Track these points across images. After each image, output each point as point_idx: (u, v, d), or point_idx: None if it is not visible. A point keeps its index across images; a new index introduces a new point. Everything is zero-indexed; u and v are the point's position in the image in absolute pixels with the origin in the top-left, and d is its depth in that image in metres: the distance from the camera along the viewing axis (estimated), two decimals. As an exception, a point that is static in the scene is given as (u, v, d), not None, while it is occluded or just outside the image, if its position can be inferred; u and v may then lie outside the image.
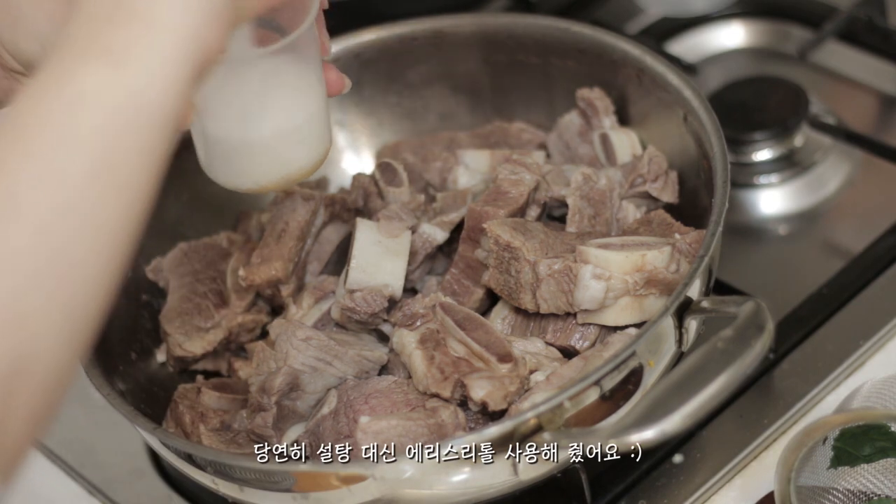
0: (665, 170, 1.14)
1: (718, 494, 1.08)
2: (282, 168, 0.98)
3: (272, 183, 0.99)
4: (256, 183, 0.98)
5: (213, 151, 0.97)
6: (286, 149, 0.97)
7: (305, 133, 0.97)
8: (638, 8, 1.52)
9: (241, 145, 0.96)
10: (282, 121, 0.95)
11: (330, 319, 1.12)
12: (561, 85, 1.24)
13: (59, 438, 1.24)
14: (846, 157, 1.32)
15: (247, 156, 0.96)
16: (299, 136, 0.97)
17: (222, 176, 0.99)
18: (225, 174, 0.98)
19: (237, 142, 0.96)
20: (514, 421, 0.92)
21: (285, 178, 0.99)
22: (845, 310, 1.18)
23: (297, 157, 0.98)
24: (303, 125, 0.97)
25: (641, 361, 0.96)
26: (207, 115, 0.94)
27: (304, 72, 0.95)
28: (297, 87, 0.95)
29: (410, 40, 1.26)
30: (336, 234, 1.19)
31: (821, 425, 0.96)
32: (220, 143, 0.96)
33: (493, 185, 1.12)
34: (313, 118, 0.97)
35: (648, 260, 1.02)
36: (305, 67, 0.95)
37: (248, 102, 0.94)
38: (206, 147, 0.97)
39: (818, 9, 1.44)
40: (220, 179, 0.99)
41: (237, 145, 0.96)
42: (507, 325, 1.08)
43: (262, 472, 0.96)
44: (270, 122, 0.95)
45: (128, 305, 1.17)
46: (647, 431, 0.86)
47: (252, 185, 0.98)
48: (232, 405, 1.10)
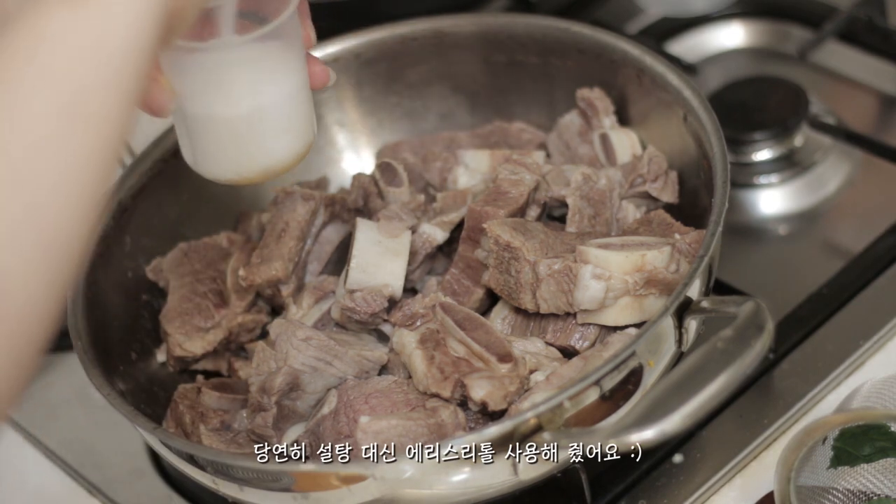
0: (665, 170, 1.14)
1: (718, 494, 1.08)
2: (264, 158, 0.98)
3: (254, 174, 0.98)
4: (238, 173, 0.98)
5: (196, 140, 0.97)
6: (267, 136, 0.97)
7: (287, 121, 0.97)
8: (638, 8, 1.52)
9: (223, 130, 0.96)
10: (263, 105, 0.96)
11: (330, 319, 1.12)
12: (561, 85, 1.24)
13: (59, 438, 1.24)
14: (846, 157, 1.32)
15: (229, 141, 0.96)
16: (281, 123, 0.97)
17: (204, 165, 0.99)
18: (207, 163, 0.98)
19: (219, 126, 0.96)
20: (514, 421, 0.92)
21: (267, 170, 0.98)
22: (845, 310, 1.18)
23: (279, 147, 0.98)
24: (284, 112, 0.97)
25: (641, 361, 0.96)
26: (189, 101, 0.95)
27: (285, 60, 0.96)
28: (279, 75, 0.96)
29: (410, 40, 1.26)
30: (336, 234, 1.19)
31: (821, 425, 0.97)
32: (202, 129, 0.96)
33: (493, 185, 1.12)
34: (295, 107, 0.97)
35: (648, 260, 1.02)
36: (287, 56, 0.96)
37: (229, 88, 0.95)
38: (189, 135, 0.97)
39: (818, 9, 1.44)
40: (201, 169, 0.99)
41: (219, 130, 0.96)
42: (507, 325, 1.08)
43: (262, 472, 0.96)
44: (251, 105, 0.95)
45: (128, 305, 1.17)
46: (647, 431, 0.86)
47: (233, 175, 0.98)
48: (232, 405, 1.10)
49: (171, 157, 1.20)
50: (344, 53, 1.26)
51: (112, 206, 1.16)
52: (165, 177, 1.20)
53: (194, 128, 0.96)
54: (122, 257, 1.17)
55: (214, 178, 0.99)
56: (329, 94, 1.27)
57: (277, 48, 0.95)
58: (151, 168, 1.20)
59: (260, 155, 0.98)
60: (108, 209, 1.16)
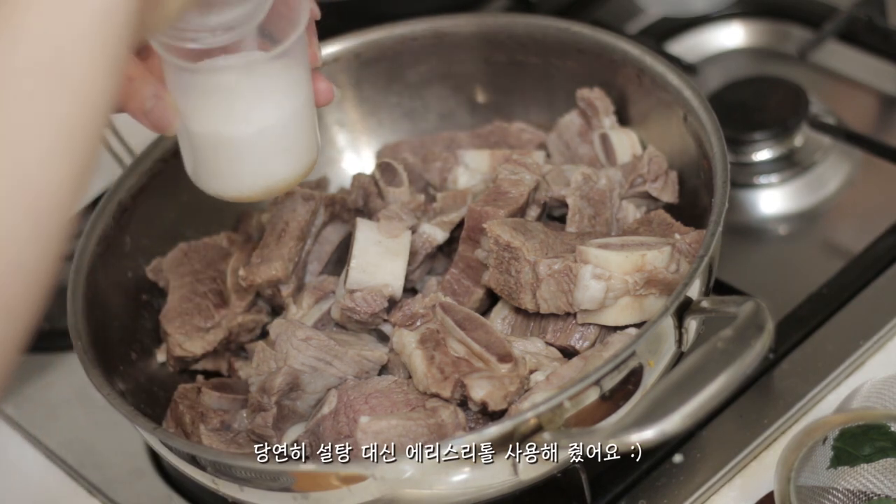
0: (665, 170, 1.14)
1: (718, 494, 1.08)
2: (266, 177, 0.98)
3: (255, 192, 0.99)
4: (240, 191, 0.99)
5: (199, 157, 0.98)
6: (271, 155, 0.97)
7: (291, 140, 0.97)
8: (638, 8, 1.52)
9: (226, 149, 0.96)
10: (268, 125, 0.96)
11: (330, 319, 1.12)
12: (561, 85, 1.24)
13: (59, 438, 1.24)
14: (846, 157, 1.32)
15: (233, 159, 0.97)
16: (284, 142, 0.97)
17: (206, 182, 0.99)
18: (209, 180, 0.99)
19: (222, 144, 0.96)
20: (514, 421, 0.92)
21: (269, 189, 0.99)
22: (845, 310, 1.18)
23: (282, 167, 0.98)
24: (288, 131, 0.97)
25: (641, 361, 0.96)
26: (193, 120, 0.95)
27: (291, 80, 0.96)
28: (284, 95, 0.96)
29: (410, 40, 1.26)
30: (336, 234, 1.19)
31: (821, 425, 0.96)
32: (205, 147, 0.97)
33: (493, 185, 1.12)
34: (299, 126, 0.98)
35: (648, 260, 1.02)
36: (293, 76, 0.96)
37: (234, 108, 0.95)
38: (193, 152, 0.98)
39: (818, 9, 1.44)
40: (204, 186, 1.00)
41: (222, 148, 0.96)
42: (507, 325, 1.08)
43: (262, 472, 0.96)
44: (256, 125, 0.95)
45: (127, 305, 1.17)
46: (647, 431, 0.86)
47: (235, 193, 0.99)
48: (232, 405, 1.10)
49: (171, 157, 1.20)
50: (344, 53, 1.26)
51: (112, 206, 1.16)
52: (165, 177, 1.20)
53: (198, 145, 0.97)
54: (122, 257, 1.17)
55: (216, 195, 1.00)
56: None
57: (284, 68, 0.95)
58: (151, 168, 1.20)
59: (263, 174, 0.98)
60: (108, 209, 1.16)
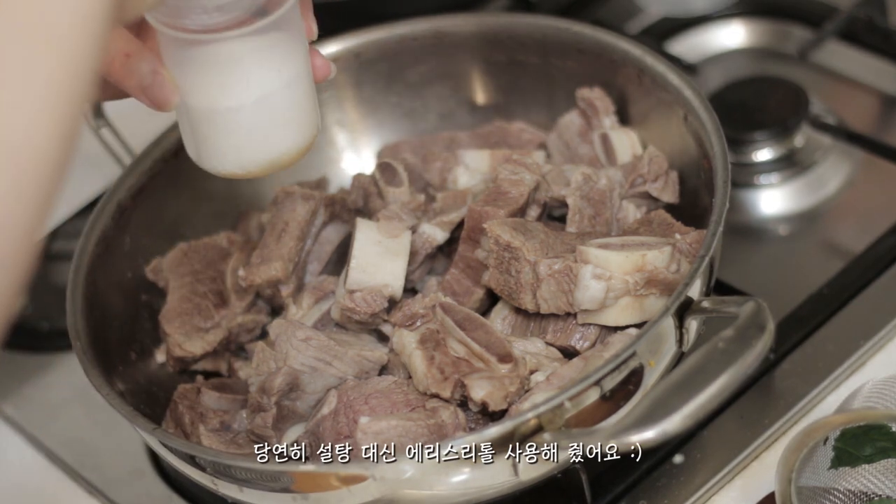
0: (665, 170, 1.14)
1: (719, 495, 1.08)
2: (267, 150, 0.97)
3: (258, 167, 0.98)
4: (242, 167, 0.98)
5: (199, 133, 0.97)
6: (271, 127, 0.96)
7: (290, 113, 0.97)
8: (638, 8, 1.52)
9: (226, 122, 0.95)
10: (265, 96, 0.95)
11: (330, 319, 1.12)
12: (561, 85, 1.23)
13: (59, 438, 1.24)
14: (846, 157, 1.32)
15: (232, 132, 0.96)
16: (284, 115, 0.96)
17: (207, 159, 0.98)
18: (210, 157, 0.98)
19: (221, 118, 0.95)
20: (515, 421, 0.92)
21: (271, 163, 0.98)
22: (846, 310, 1.18)
23: (283, 139, 0.97)
24: (287, 104, 0.96)
25: (642, 361, 0.96)
26: (191, 94, 0.94)
27: (287, 52, 0.96)
28: (281, 67, 0.95)
29: (410, 40, 1.26)
30: (336, 234, 1.19)
31: (821, 425, 0.96)
32: (205, 122, 0.96)
33: (493, 185, 1.12)
34: (298, 98, 0.97)
35: (649, 260, 1.02)
36: (289, 48, 0.96)
37: (231, 80, 0.94)
38: (192, 129, 0.97)
39: (818, 9, 1.44)
40: (205, 163, 0.98)
41: (221, 122, 0.96)
42: (507, 325, 1.08)
43: (261, 472, 0.95)
44: (255, 94, 0.95)
45: (127, 305, 1.17)
46: (647, 432, 0.86)
47: (238, 168, 0.98)
48: (232, 405, 1.10)
49: (170, 157, 1.20)
50: (344, 53, 1.26)
51: (112, 206, 1.16)
52: (165, 177, 1.20)
53: (197, 121, 0.96)
54: (121, 257, 1.17)
55: (218, 173, 0.98)
56: (329, 94, 1.27)
57: (279, 39, 0.95)
58: (151, 168, 1.20)
59: (263, 147, 0.97)
60: (107, 209, 1.16)
